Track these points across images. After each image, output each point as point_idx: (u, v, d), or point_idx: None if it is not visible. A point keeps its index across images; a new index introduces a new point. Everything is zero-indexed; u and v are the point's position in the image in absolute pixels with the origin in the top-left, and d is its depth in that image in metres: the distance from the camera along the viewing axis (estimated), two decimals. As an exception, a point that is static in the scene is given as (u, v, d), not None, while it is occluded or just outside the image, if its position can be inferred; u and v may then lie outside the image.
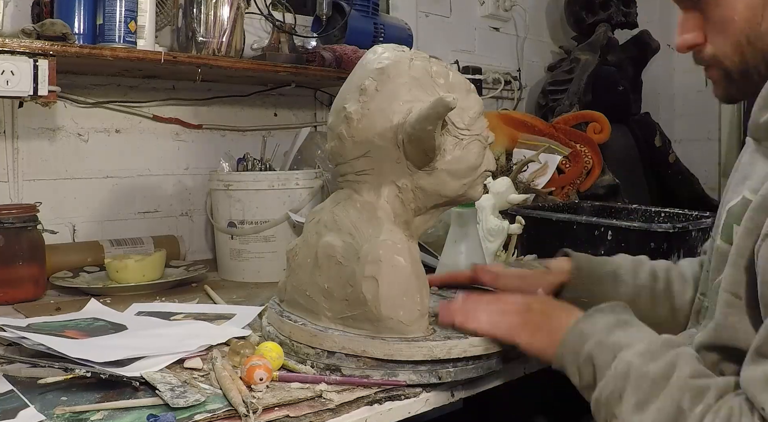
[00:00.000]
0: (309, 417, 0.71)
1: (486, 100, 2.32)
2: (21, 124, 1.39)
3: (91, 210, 1.50)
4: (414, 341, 0.80)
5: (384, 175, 0.85)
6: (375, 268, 0.80)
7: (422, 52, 0.88)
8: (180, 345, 0.88)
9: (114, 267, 1.28)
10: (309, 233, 0.91)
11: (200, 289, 1.29)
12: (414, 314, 0.81)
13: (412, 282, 0.82)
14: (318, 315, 0.87)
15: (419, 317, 0.82)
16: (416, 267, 0.84)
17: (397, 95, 0.83)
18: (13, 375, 0.80)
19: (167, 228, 1.59)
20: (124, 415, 0.70)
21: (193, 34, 1.42)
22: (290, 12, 1.70)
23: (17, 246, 1.18)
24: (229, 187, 1.38)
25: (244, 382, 0.77)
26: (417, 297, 0.82)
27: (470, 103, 0.85)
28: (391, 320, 0.80)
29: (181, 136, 1.62)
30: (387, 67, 0.84)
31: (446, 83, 0.85)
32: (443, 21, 2.21)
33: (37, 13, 1.30)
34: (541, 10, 2.58)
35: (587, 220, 1.38)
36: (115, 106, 1.52)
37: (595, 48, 2.32)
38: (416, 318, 0.81)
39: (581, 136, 2.02)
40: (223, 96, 1.66)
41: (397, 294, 0.81)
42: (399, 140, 0.82)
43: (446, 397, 0.80)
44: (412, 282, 0.82)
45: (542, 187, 1.83)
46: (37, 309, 1.13)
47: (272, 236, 1.37)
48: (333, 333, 0.82)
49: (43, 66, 1.15)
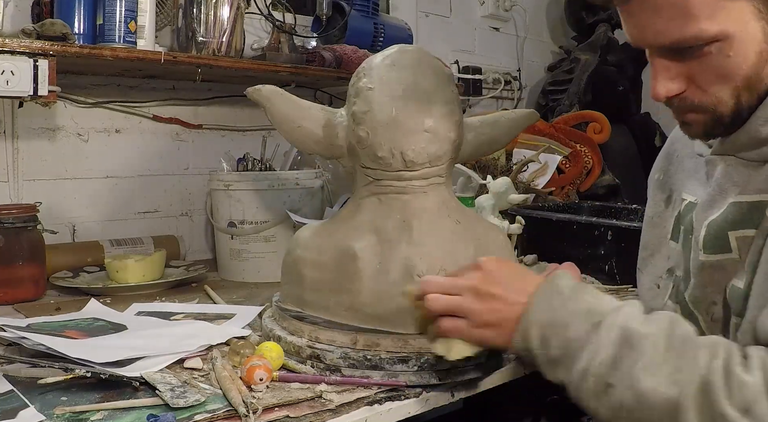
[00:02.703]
0: (309, 417, 0.71)
1: (486, 100, 2.32)
2: (21, 124, 1.39)
3: (91, 210, 1.49)
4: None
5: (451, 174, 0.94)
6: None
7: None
8: (180, 345, 0.88)
9: (114, 267, 1.28)
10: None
11: (200, 289, 1.29)
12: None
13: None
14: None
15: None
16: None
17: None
18: (13, 375, 0.80)
19: (167, 228, 1.59)
20: (124, 415, 0.70)
21: (193, 34, 1.42)
22: (290, 12, 1.70)
23: (17, 246, 1.18)
24: (229, 187, 1.38)
25: (244, 382, 0.77)
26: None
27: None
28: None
29: (181, 136, 1.62)
30: (452, 73, 0.92)
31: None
32: (443, 21, 2.21)
33: (37, 13, 1.30)
34: (541, 10, 2.58)
35: (587, 220, 1.38)
36: (115, 106, 1.52)
37: (595, 48, 2.32)
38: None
39: (581, 136, 2.02)
40: (223, 96, 1.66)
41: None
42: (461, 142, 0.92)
43: (446, 397, 0.80)
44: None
45: (542, 187, 1.83)
46: (37, 309, 1.13)
47: (272, 236, 1.37)
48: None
49: (43, 66, 1.15)
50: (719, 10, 0.67)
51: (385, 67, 0.89)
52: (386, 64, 0.90)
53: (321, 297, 0.88)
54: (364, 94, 0.88)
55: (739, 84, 0.70)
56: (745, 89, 0.70)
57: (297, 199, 1.38)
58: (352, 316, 0.85)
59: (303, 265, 0.91)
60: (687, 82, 0.72)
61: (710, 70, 0.70)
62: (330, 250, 0.89)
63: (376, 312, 0.84)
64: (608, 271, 1.30)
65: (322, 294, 0.88)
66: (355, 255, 0.86)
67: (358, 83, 0.90)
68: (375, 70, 0.90)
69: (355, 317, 0.85)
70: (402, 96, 0.86)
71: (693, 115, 0.74)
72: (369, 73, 0.90)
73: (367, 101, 0.87)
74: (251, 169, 1.47)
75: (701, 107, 0.73)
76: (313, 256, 0.90)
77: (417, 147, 0.86)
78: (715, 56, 0.69)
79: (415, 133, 0.86)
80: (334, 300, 0.87)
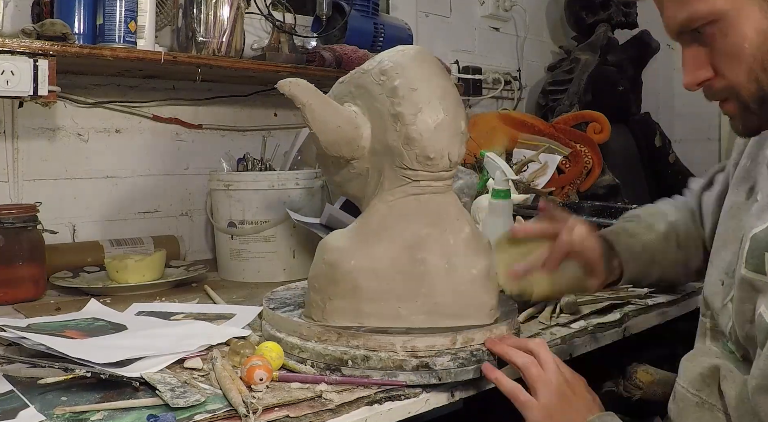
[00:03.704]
0: (309, 417, 0.71)
1: (486, 100, 2.32)
2: (21, 124, 1.39)
3: (91, 210, 1.50)
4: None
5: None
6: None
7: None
8: (180, 345, 0.88)
9: (114, 267, 1.28)
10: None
11: (200, 289, 1.29)
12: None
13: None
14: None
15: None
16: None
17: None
18: (13, 375, 0.80)
19: (167, 228, 1.59)
20: (124, 415, 0.70)
21: (193, 34, 1.42)
22: (290, 12, 1.70)
23: (17, 246, 1.18)
24: (229, 187, 1.38)
25: (244, 382, 0.77)
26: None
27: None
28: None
29: (181, 136, 1.62)
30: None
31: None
32: (443, 21, 2.21)
33: (37, 13, 1.30)
34: (541, 10, 2.58)
35: (587, 220, 1.37)
36: (115, 106, 1.52)
37: (595, 48, 2.32)
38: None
39: (581, 136, 2.02)
40: (223, 96, 1.66)
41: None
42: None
43: (446, 397, 0.80)
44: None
45: (542, 187, 1.83)
46: (37, 309, 1.13)
47: (272, 236, 1.37)
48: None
49: (43, 66, 1.15)
50: None
51: (417, 67, 0.89)
52: (416, 63, 0.89)
53: (385, 307, 0.86)
54: (409, 96, 0.86)
55: (752, 65, 0.69)
56: (762, 71, 0.69)
57: (297, 199, 1.38)
58: (430, 319, 0.86)
59: (359, 276, 0.87)
60: (712, 69, 0.72)
61: (720, 53, 0.70)
62: (385, 258, 0.87)
63: (453, 311, 0.87)
64: (608, 271, 1.30)
65: (388, 303, 0.86)
66: (424, 259, 0.87)
67: (392, 82, 0.87)
68: (409, 70, 0.88)
69: (432, 319, 0.86)
70: (443, 97, 0.88)
71: (726, 105, 0.74)
72: (403, 73, 0.87)
73: (413, 102, 0.86)
74: (251, 169, 1.47)
75: (727, 93, 0.73)
76: (368, 265, 0.87)
77: (459, 149, 0.89)
78: (718, 38, 0.69)
79: (457, 135, 0.89)
80: (405, 306, 0.86)
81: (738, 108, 0.73)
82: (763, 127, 0.75)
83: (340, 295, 0.87)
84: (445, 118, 0.87)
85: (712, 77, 0.72)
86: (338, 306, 0.87)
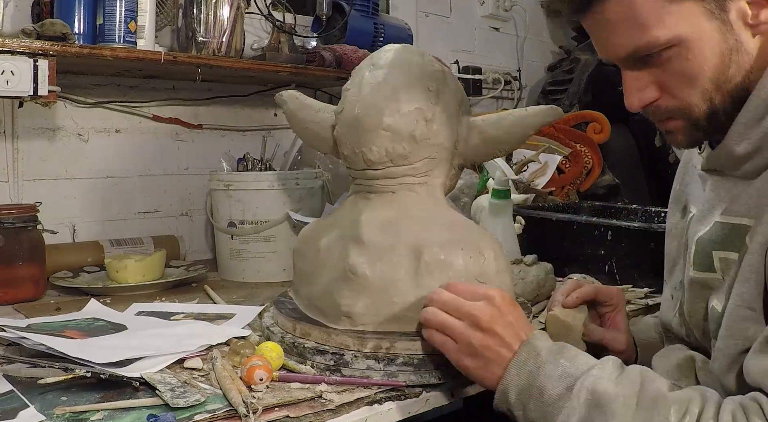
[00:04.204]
0: (309, 417, 0.71)
1: (486, 100, 2.32)
2: (21, 124, 1.39)
3: (91, 210, 1.50)
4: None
5: (441, 176, 0.90)
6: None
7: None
8: (180, 345, 0.88)
9: (114, 267, 1.28)
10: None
11: (200, 289, 1.29)
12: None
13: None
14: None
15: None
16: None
17: (455, 99, 0.90)
18: (13, 375, 0.80)
19: (167, 228, 1.59)
20: (124, 415, 0.70)
21: (193, 34, 1.42)
22: (290, 12, 1.70)
23: (17, 246, 1.18)
24: (229, 187, 1.38)
25: (244, 382, 0.77)
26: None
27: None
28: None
29: (181, 136, 1.62)
30: (445, 71, 0.90)
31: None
32: (443, 21, 2.21)
33: (37, 13, 1.30)
34: (541, 10, 2.57)
35: (587, 220, 1.38)
36: (115, 106, 1.52)
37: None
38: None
39: (581, 136, 2.02)
40: (223, 96, 1.66)
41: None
42: (461, 142, 0.89)
43: (446, 397, 0.80)
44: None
45: (542, 187, 1.83)
46: (37, 309, 1.13)
47: (272, 236, 1.37)
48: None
49: (43, 66, 1.15)
50: (666, 15, 0.67)
51: (365, 68, 0.91)
52: (367, 64, 0.92)
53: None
54: (343, 95, 0.91)
55: (707, 86, 0.69)
56: (715, 91, 0.69)
57: (297, 198, 1.38)
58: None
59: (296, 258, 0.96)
60: (658, 89, 0.72)
61: (675, 75, 0.70)
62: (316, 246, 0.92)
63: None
64: (608, 271, 1.31)
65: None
66: (318, 249, 0.90)
67: (346, 84, 0.93)
68: (358, 71, 0.92)
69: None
70: (367, 95, 0.87)
71: (672, 123, 0.74)
72: (355, 74, 0.92)
73: (342, 101, 0.91)
74: (251, 169, 1.47)
75: (675, 113, 0.72)
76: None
77: (374, 146, 0.86)
78: (675, 61, 0.69)
79: (372, 131, 0.86)
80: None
81: (685, 125, 0.73)
82: (708, 138, 0.76)
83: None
84: (359, 115, 0.87)
85: (659, 97, 0.72)
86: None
